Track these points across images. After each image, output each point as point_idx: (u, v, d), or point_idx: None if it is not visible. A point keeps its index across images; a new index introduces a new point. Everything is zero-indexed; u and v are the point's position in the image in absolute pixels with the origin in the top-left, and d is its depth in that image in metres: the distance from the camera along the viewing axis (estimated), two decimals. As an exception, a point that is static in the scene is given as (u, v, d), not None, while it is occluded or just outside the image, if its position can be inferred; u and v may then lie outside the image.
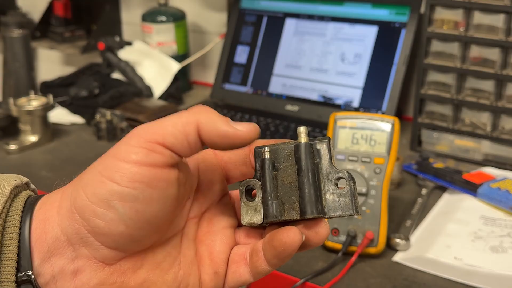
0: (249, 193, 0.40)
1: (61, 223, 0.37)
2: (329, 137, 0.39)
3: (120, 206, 0.35)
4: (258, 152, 0.39)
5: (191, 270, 0.40)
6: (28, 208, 0.38)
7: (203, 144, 0.37)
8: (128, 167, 0.35)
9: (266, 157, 0.39)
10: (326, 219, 0.39)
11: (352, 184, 0.38)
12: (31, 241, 0.36)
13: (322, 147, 0.39)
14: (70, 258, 0.37)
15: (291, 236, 0.37)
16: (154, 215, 0.37)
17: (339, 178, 0.38)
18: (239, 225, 0.43)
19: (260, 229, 0.41)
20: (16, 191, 0.38)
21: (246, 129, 0.37)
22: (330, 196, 0.38)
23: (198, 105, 0.38)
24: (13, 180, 0.39)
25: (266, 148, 0.39)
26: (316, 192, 0.38)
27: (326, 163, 0.39)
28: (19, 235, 0.36)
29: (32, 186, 0.41)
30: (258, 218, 0.39)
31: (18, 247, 0.36)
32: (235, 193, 0.44)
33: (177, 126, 0.36)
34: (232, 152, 0.42)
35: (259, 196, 0.39)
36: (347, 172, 0.38)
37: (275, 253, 0.38)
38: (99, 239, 0.36)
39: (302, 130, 0.39)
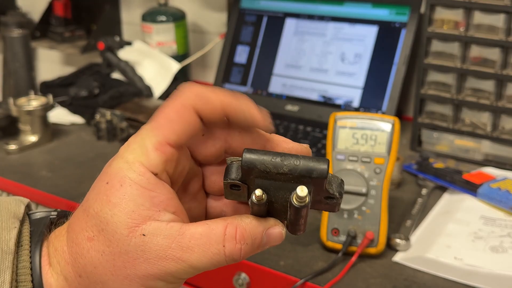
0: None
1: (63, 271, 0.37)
2: (328, 172, 0.36)
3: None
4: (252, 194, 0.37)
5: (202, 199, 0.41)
6: (35, 252, 0.37)
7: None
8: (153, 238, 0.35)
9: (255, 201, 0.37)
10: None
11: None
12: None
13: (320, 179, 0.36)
14: None
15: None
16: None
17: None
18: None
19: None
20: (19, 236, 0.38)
21: (280, 238, 0.37)
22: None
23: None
24: (13, 227, 0.37)
25: (257, 192, 0.36)
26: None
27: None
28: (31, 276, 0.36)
29: (28, 202, 0.41)
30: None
31: None
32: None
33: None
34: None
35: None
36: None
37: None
38: None
39: (302, 193, 0.36)
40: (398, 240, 0.86)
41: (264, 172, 0.35)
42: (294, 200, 0.35)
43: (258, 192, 0.35)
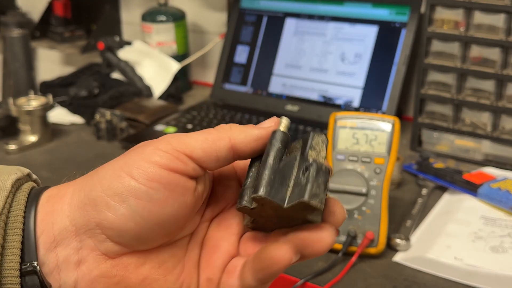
0: None
1: (71, 214, 0.37)
2: (319, 132, 0.39)
3: (133, 202, 0.36)
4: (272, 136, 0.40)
5: (194, 273, 0.40)
6: (32, 200, 0.38)
7: (235, 158, 0.39)
8: (148, 165, 0.36)
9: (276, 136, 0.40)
10: (332, 227, 0.37)
11: (314, 171, 0.36)
12: (36, 233, 0.37)
13: (305, 140, 0.39)
14: (75, 248, 0.37)
15: (280, 253, 0.36)
16: (165, 219, 0.37)
17: (307, 168, 0.36)
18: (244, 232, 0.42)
19: (261, 239, 0.41)
20: (18, 184, 0.39)
21: (273, 123, 0.40)
22: (295, 186, 0.36)
23: (223, 124, 0.40)
24: (14, 173, 0.39)
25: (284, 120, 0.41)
26: (274, 175, 0.37)
27: (302, 155, 0.38)
28: (23, 230, 0.36)
29: (34, 176, 0.42)
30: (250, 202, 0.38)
31: (22, 242, 0.36)
32: None
33: (207, 141, 0.37)
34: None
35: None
36: (315, 160, 0.37)
37: (261, 267, 0.37)
38: (106, 232, 0.37)
39: (283, 120, 0.40)
40: (398, 240, 0.85)
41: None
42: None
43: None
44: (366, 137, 0.87)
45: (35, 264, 0.36)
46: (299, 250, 0.36)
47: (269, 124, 0.40)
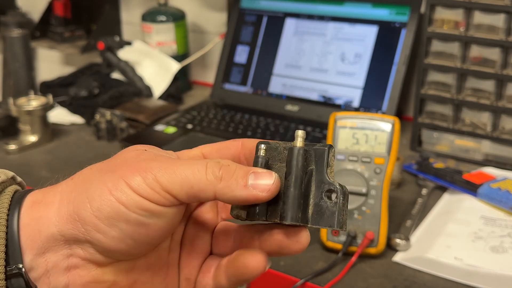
0: None
1: (59, 225, 0.37)
2: (331, 145, 0.38)
3: (124, 227, 0.36)
4: (257, 148, 0.39)
5: (176, 273, 0.41)
6: (16, 203, 0.38)
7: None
8: (138, 198, 0.36)
9: (260, 154, 0.39)
10: (307, 228, 0.38)
11: (341, 198, 0.37)
12: (20, 237, 0.37)
13: (320, 154, 0.38)
14: (65, 255, 0.37)
15: (254, 262, 0.37)
16: (155, 236, 0.37)
17: (330, 190, 0.37)
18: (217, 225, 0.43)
19: (232, 234, 0.42)
20: (1, 187, 0.39)
21: (267, 193, 0.36)
22: (317, 207, 0.37)
23: (216, 160, 0.37)
24: None
25: (262, 145, 0.39)
26: (300, 199, 0.37)
27: (320, 172, 0.37)
28: (6, 233, 0.36)
29: (19, 179, 0.42)
30: (243, 213, 0.39)
31: (6, 245, 0.36)
32: None
33: (193, 188, 0.36)
34: (218, 154, 0.42)
35: None
36: (339, 184, 0.37)
37: (235, 273, 0.38)
38: (96, 248, 0.37)
39: (299, 134, 0.38)
40: (398, 240, 0.85)
41: None
42: None
43: None
44: (366, 137, 0.87)
45: (21, 267, 0.36)
46: (277, 251, 0.38)
47: (262, 188, 0.36)
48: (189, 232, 0.42)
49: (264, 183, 0.36)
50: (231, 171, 0.36)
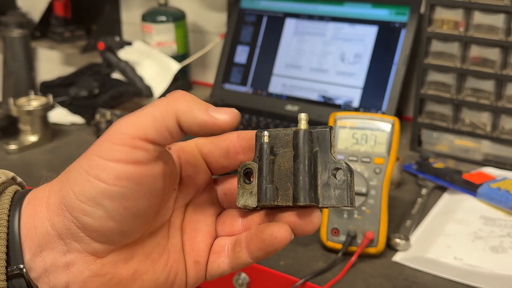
0: (247, 176, 0.40)
1: (50, 218, 0.37)
2: (331, 126, 0.39)
3: (108, 203, 0.36)
4: (258, 136, 0.40)
5: (179, 258, 0.41)
6: (16, 204, 0.38)
7: (184, 132, 0.37)
8: (114, 165, 0.36)
9: (264, 141, 0.39)
10: (319, 208, 0.39)
11: (349, 175, 0.38)
12: (21, 236, 0.37)
13: (323, 135, 0.39)
14: (62, 251, 0.37)
15: (282, 232, 0.38)
16: (142, 209, 0.37)
17: (336, 169, 0.38)
18: (221, 212, 0.43)
19: (240, 218, 0.42)
20: (2, 188, 0.39)
21: (224, 118, 0.37)
22: (326, 186, 0.38)
23: (176, 91, 0.38)
24: None
25: (265, 132, 0.39)
26: (311, 180, 0.37)
27: (325, 153, 0.38)
28: (7, 234, 0.37)
29: (19, 179, 0.42)
30: (253, 201, 0.39)
31: (7, 246, 0.36)
32: (221, 179, 0.44)
33: (157, 120, 0.36)
34: (212, 145, 0.42)
35: (255, 180, 0.39)
36: (345, 163, 0.38)
37: (262, 246, 0.39)
38: (89, 234, 0.37)
39: (302, 116, 0.39)
40: (398, 240, 0.86)
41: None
42: None
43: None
44: (366, 137, 0.87)
45: (21, 267, 0.36)
46: (293, 231, 0.39)
47: (221, 115, 0.37)
48: (190, 218, 0.42)
49: (224, 111, 0.37)
50: (194, 97, 0.37)
